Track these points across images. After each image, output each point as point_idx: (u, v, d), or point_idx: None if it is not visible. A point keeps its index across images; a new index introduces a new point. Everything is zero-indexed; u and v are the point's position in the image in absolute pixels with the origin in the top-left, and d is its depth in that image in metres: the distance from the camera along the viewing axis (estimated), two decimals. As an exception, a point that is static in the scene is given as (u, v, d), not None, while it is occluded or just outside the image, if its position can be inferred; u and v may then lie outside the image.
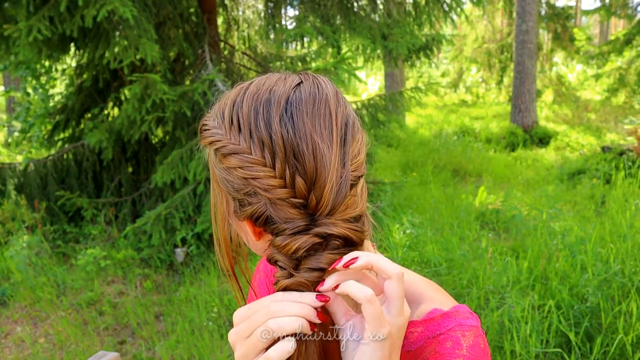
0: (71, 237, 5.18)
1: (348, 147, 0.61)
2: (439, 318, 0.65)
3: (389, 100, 5.41)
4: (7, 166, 5.42)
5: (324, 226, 0.58)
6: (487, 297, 3.37)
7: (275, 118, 0.59)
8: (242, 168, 0.59)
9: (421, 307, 0.68)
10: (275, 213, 0.59)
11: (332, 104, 0.62)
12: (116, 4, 3.82)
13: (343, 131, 0.61)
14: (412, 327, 0.66)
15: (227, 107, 0.64)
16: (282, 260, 0.60)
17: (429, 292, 0.70)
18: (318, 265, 0.58)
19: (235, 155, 0.60)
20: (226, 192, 0.65)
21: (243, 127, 0.60)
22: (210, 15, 5.45)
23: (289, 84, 0.62)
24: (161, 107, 4.41)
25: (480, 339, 0.64)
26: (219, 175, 0.64)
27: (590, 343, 2.86)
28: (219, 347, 3.31)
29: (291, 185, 0.58)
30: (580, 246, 3.66)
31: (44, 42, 4.48)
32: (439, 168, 7.87)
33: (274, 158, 0.58)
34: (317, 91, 0.62)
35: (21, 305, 4.05)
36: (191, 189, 4.63)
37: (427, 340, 0.64)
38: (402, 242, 4.25)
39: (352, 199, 0.61)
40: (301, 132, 0.58)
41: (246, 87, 0.64)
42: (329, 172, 0.58)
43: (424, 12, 5.85)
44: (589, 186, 6.34)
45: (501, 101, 16.55)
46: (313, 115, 0.60)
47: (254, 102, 0.61)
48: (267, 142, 0.59)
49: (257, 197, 0.60)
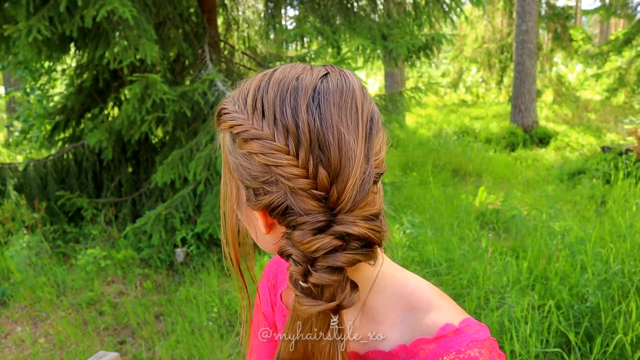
0: (71, 237, 5.18)
1: (373, 142, 0.60)
2: (452, 335, 0.63)
3: (389, 100, 5.41)
4: (7, 166, 5.42)
5: (345, 224, 0.57)
6: (487, 297, 3.37)
7: (302, 106, 0.57)
8: (264, 154, 0.57)
9: (430, 316, 0.66)
10: (295, 204, 0.58)
11: (358, 97, 0.60)
12: (116, 4, 3.82)
13: (368, 126, 0.60)
14: (424, 344, 0.64)
15: (251, 92, 0.62)
16: (297, 255, 0.58)
17: (437, 300, 0.68)
18: (336, 264, 0.57)
19: (257, 140, 0.58)
20: (239, 181, 0.63)
21: (267, 112, 0.59)
22: (210, 15, 5.45)
23: (316, 73, 0.61)
24: (161, 107, 4.41)
25: (495, 355, 0.63)
26: (233, 162, 0.63)
27: (590, 343, 2.86)
28: (219, 347, 3.31)
29: (313, 177, 0.56)
30: (580, 246, 3.66)
31: (44, 42, 4.48)
32: (438, 168, 7.87)
33: (298, 147, 0.57)
34: (345, 83, 0.60)
35: (21, 305, 4.05)
36: (191, 189, 4.63)
37: (441, 358, 0.62)
38: (402, 242, 4.25)
39: (372, 196, 0.60)
40: (328, 123, 0.57)
41: (270, 74, 0.63)
42: (354, 166, 0.57)
43: (424, 12, 5.85)
44: (589, 186, 6.34)
45: (501, 101, 16.55)
46: (340, 107, 0.58)
47: (280, 89, 0.59)
48: (292, 129, 0.57)
49: (277, 186, 0.58)
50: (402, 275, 0.72)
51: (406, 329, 0.67)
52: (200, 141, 4.60)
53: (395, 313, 0.68)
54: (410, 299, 0.68)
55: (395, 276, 0.71)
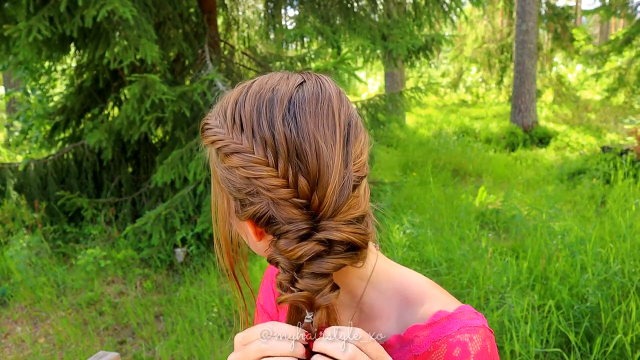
0: (71, 237, 5.18)
1: (351, 147, 0.61)
2: (444, 320, 0.64)
3: (388, 101, 5.41)
4: (7, 166, 5.42)
5: (327, 231, 0.58)
6: (487, 297, 3.37)
7: (278, 117, 0.58)
8: (245, 167, 0.59)
9: (425, 306, 0.67)
10: (278, 213, 0.59)
11: (335, 103, 0.61)
12: (116, 4, 3.82)
13: (346, 131, 0.61)
14: (418, 331, 0.65)
15: (229, 106, 0.63)
16: (283, 263, 0.60)
17: (432, 291, 0.69)
18: (321, 271, 0.58)
19: (237, 154, 0.59)
20: (227, 192, 0.64)
21: (245, 126, 0.60)
22: (210, 15, 5.45)
23: (292, 83, 0.62)
24: (160, 108, 4.41)
25: (487, 342, 0.63)
26: (220, 174, 0.64)
27: (590, 343, 2.86)
28: (218, 347, 3.31)
29: (294, 185, 0.58)
30: (580, 246, 3.66)
31: (44, 42, 4.48)
32: (438, 168, 7.87)
33: (277, 158, 0.58)
34: (320, 91, 0.61)
35: (21, 305, 4.05)
36: (191, 189, 4.63)
37: (434, 343, 0.63)
38: (402, 242, 4.25)
39: (354, 200, 0.61)
40: (304, 132, 0.58)
41: (248, 86, 0.64)
42: (332, 173, 0.58)
43: (424, 12, 5.85)
44: (589, 186, 6.34)
45: (501, 101, 16.55)
46: (316, 114, 0.59)
47: (257, 101, 0.60)
48: (269, 141, 0.58)
49: (260, 197, 0.60)
50: (397, 271, 0.72)
51: (401, 322, 0.68)
52: (200, 141, 4.59)
53: (391, 308, 0.69)
54: (405, 293, 0.69)
55: (390, 272, 0.72)
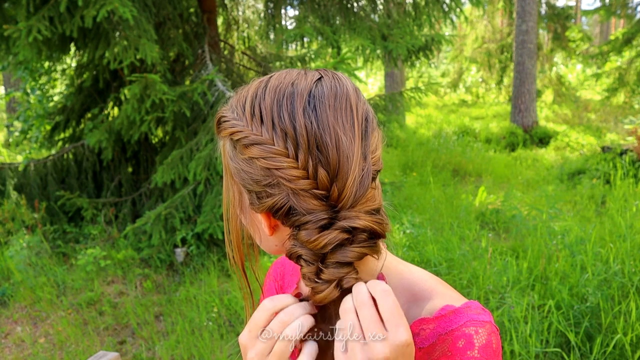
0: (71, 237, 5.18)
1: (369, 141, 0.63)
2: (451, 314, 0.65)
3: (389, 101, 5.41)
4: (7, 166, 5.42)
5: (348, 219, 0.59)
6: (487, 297, 3.37)
7: (298, 110, 0.60)
8: (265, 158, 0.60)
9: (432, 302, 0.68)
10: (298, 204, 0.60)
11: (352, 98, 0.63)
12: (116, 4, 3.82)
13: (364, 125, 0.63)
14: (424, 324, 0.66)
15: (248, 100, 0.64)
16: (307, 255, 0.61)
17: (440, 288, 0.70)
18: (346, 260, 0.60)
19: (258, 145, 0.60)
20: (240, 185, 0.65)
21: (265, 118, 0.61)
22: (210, 15, 5.45)
23: (310, 78, 0.63)
24: (160, 108, 4.41)
25: (493, 337, 0.64)
26: (234, 167, 0.65)
27: (590, 343, 2.86)
28: (219, 347, 3.31)
29: (314, 177, 0.59)
30: (580, 246, 3.66)
31: (44, 42, 4.48)
32: (438, 168, 7.87)
33: (297, 149, 0.59)
34: (338, 85, 0.63)
35: (21, 305, 4.05)
36: (191, 189, 4.63)
37: (440, 337, 0.64)
38: (402, 242, 4.25)
39: (372, 192, 0.63)
40: (324, 125, 0.59)
41: (266, 81, 0.65)
42: (352, 164, 0.59)
43: (424, 12, 5.85)
44: (589, 186, 6.34)
45: (501, 101, 16.55)
46: (335, 108, 0.61)
47: (277, 95, 0.62)
48: (290, 133, 0.59)
49: (279, 189, 0.61)
50: (405, 268, 0.74)
51: (408, 317, 0.68)
52: (200, 141, 4.59)
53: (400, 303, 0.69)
54: (413, 290, 0.70)
55: (398, 268, 0.73)
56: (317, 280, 0.61)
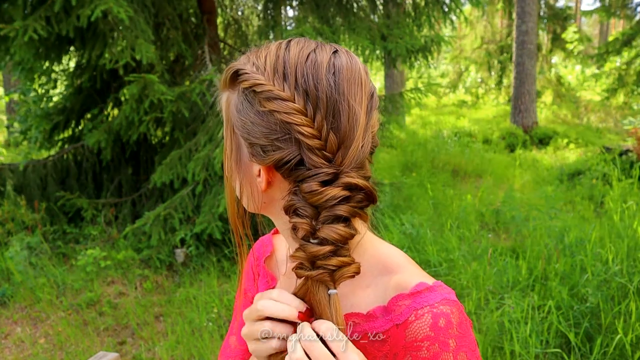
0: (71, 238, 5.18)
1: (371, 116, 0.68)
2: (426, 291, 0.68)
3: (388, 101, 5.42)
4: (7, 167, 5.42)
5: (351, 178, 0.63)
6: (487, 297, 3.37)
7: (322, 74, 0.64)
8: (287, 113, 0.62)
9: (400, 275, 0.71)
10: (307, 159, 0.63)
11: (363, 75, 0.67)
12: (110, 3, 3.82)
13: (369, 100, 0.67)
14: (400, 300, 0.69)
15: (270, 58, 0.67)
16: (303, 208, 0.63)
17: (409, 265, 0.74)
18: (339, 214, 0.62)
19: (280, 100, 0.63)
20: (242, 138, 0.68)
21: (289, 76, 0.64)
22: (210, 16, 5.45)
23: (328, 49, 0.67)
24: (159, 108, 4.41)
25: (462, 316, 0.67)
26: (240, 120, 0.67)
27: (590, 343, 2.86)
28: (218, 347, 3.31)
29: (325, 140, 0.63)
30: (580, 247, 3.66)
31: (41, 42, 4.48)
32: (438, 169, 7.87)
33: (316, 110, 0.63)
34: (351, 61, 0.67)
35: (21, 305, 4.05)
36: (190, 189, 4.63)
37: (416, 312, 0.66)
38: (401, 243, 4.25)
39: (367, 163, 0.68)
40: (341, 94, 0.63)
41: (286, 44, 0.68)
42: (357, 134, 0.64)
43: (424, 13, 5.86)
44: (589, 187, 6.34)
45: (501, 102, 16.56)
46: (350, 81, 0.65)
47: (300, 57, 0.65)
48: (312, 94, 0.63)
49: (289, 143, 0.64)
50: (380, 243, 0.78)
51: (379, 290, 0.72)
52: (199, 141, 4.59)
53: (372, 275, 0.74)
54: (385, 263, 0.74)
55: (374, 243, 0.77)
56: (311, 240, 0.63)
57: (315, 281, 0.64)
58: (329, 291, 0.63)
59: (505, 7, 15.60)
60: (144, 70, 4.76)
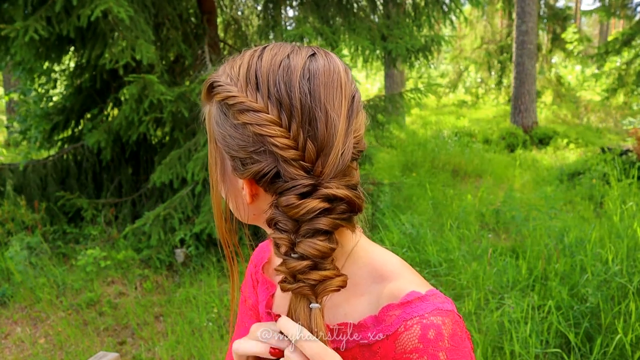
0: (71, 238, 5.18)
1: (353, 120, 0.64)
2: (417, 301, 0.65)
3: (388, 101, 5.42)
4: (7, 167, 5.42)
5: (330, 188, 0.61)
6: (486, 297, 3.37)
7: (295, 82, 0.61)
8: (259, 125, 0.61)
9: (394, 282, 0.68)
10: (284, 171, 0.61)
11: (342, 77, 0.64)
12: (110, 3, 3.82)
13: (350, 104, 0.64)
14: (391, 310, 0.67)
15: (243, 67, 0.65)
16: (284, 222, 0.61)
17: (404, 272, 0.71)
18: (321, 227, 0.60)
19: (253, 112, 0.61)
20: (224, 152, 0.66)
21: (261, 86, 0.62)
22: (210, 16, 5.45)
23: (305, 53, 0.65)
24: (159, 108, 4.41)
25: (457, 327, 0.64)
26: (220, 133, 0.66)
27: (590, 343, 2.86)
28: (218, 347, 3.31)
29: (302, 149, 0.61)
30: (580, 247, 3.67)
31: (42, 42, 4.48)
32: (438, 169, 7.87)
33: (291, 120, 0.61)
34: (330, 63, 0.64)
35: (21, 305, 4.05)
36: (190, 189, 4.63)
37: (405, 323, 0.64)
38: (401, 243, 4.25)
39: (351, 169, 0.65)
40: (316, 100, 0.61)
41: (261, 51, 0.66)
42: (336, 141, 0.61)
43: (423, 13, 5.86)
44: (589, 187, 6.34)
45: (501, 102, 16.56)
46: (326, 85, 0.62)
47: (273, 65, 0.63)
48: (285, 103, 0.61)
49: (266, 156, 0.62)
50: (375, 249, 0.75)
51: (373, 300, 0.70)
52: (198, 141, 4.59)
53: (366, 283, 0.71)
54: (380, 271, 0.71)
55: (369, 250, 0.74)
56: (292, 255, 0.61)
57: (297, 294, 0.62)
58: (310, 305, 0.61)
59: (505, 7, 15.60)
60: (143, 71, 4.76)
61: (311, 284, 0.61)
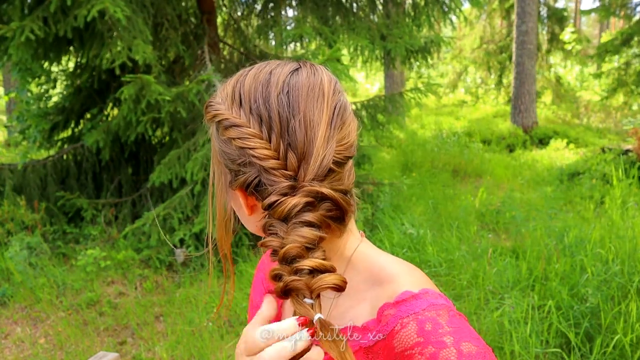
0: (71, 238, 5.18)
1: (336, 128, 0.66)
2: (411, 299, 0.66)
3: (388, 102, 5.41)
4: (7, 167, 5.41)
5: (313, 187, 0.62)
6: (487, 297, 3.37)
7: (273, 96, 0.65)
8: (241, 139, 0.64)
9: (392, 285, 0.69)
10: (266, 179, 0.63)
11: (325, 88, 0.67)
12: (106, 3, 3.82)
13: (332, 113, 0.66)
14: (386, 310, 0.68)
15: (230, 86, 0.70)
16: (273, 225, 0.62)
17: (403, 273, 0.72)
18: (307, 220, 0.60)
19: (235, 127, 0.65)
20: (223, 165, 0.70)
21: (244, 102, 0.67)
22: (209, 16, 5.45)
23: (288, 68, 0.68)
24: (157, 108, 4.40)
25: (452, 313, 0.65)
26: (218, 148, 0.70)
27: (590, 343, 2.86)
28: (219, 347, 3.31)
29: (284, 158, 0.64)
30: (580, 247, 3.66)
31: (39, 42, 4.48)
32: (438, 169, 7.87)
33: (271, 132, 0.64)
34: (313, 76, 0.67)
35: (21, 305, 4.05)
36: (189, 189, 4.63)
37: (401, 321, 0.65)
38: (401, 243, 4.25)
39: (339, 174, 0.66)
40: (295, 111, 0.64)
41: (248, 70, 0.71)
42: (317, 145, 0.63)
43: (423, 12, 5.85)
44: (589, 187, 6.34)
45: (500, 102, 16.56)
46: (307, 96, 0.65)
47: (255, 81, 0.67)
48: (264, 117, 0.64)
49: (251, 167, 0.65)
50: (375, 253, 0.76)
51: (373, 303, 0.71)
52: (197, 141, 4.59)
53: (367, 288, 0.72)
54: (379, 275, 0.72)
55: (369, 254, 0.75)
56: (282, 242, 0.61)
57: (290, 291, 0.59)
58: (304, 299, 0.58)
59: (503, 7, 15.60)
60: (141, 71, 4.76)
61: (304, 280, 0.58)
